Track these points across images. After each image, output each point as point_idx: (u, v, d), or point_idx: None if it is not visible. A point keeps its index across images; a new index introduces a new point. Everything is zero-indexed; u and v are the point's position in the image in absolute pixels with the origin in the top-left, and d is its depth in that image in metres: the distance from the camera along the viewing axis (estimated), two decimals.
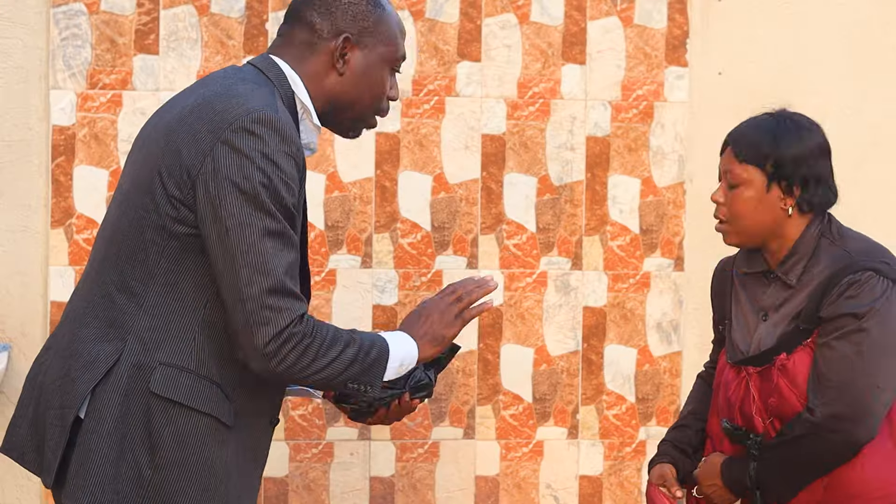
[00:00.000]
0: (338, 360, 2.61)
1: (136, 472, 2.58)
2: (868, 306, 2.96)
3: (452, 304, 2.79)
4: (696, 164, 4.39)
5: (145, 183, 2.64)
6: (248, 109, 2.59)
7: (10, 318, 4.13)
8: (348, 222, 4.25)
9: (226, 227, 2.54)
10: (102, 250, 2.71)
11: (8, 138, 4.11)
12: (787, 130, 3.09)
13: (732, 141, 3.12)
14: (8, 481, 4.13)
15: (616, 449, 4.38)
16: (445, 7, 4.26)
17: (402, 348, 2.73)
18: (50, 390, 2.67)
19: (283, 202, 2.57)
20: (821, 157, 3.10)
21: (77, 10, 4.12)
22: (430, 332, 2.78)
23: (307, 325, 2.58)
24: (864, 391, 2.96)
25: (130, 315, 2.62)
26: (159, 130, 2.68)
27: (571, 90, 4.32)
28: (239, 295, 2.54)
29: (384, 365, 2.69)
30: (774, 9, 4.40)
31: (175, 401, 2.59)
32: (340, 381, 2.64)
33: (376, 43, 2.76)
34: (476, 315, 2.79)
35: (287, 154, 2.58)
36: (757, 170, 3.07)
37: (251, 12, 4.19)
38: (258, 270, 2.54)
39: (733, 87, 4.38)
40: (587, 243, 4.34)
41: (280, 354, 2.56)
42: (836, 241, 3.07)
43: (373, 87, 2.77)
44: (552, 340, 4.34)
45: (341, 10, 2.74)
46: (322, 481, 4.28)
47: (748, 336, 3.14)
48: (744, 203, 3.08)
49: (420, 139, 4.26)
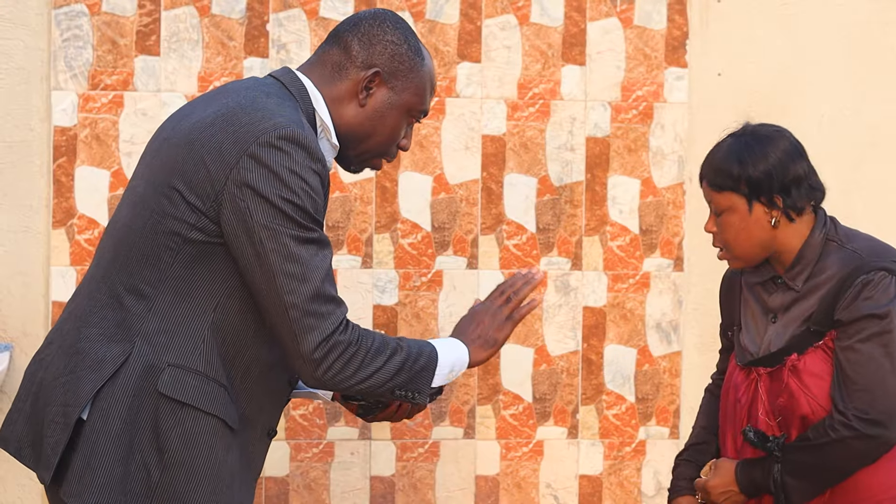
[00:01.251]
0: (384, 369, 2.63)
1: (144, 472, 2.59)
2: (886, 307, 2.96)
3: (502, 306, 2.82)
4: (696, 165, 4.31)
5: (163, 188, 2.64)
6: (274, 124, 2.59)
7: (12, 318, 4.13)
8: (349, 223, 4.24)
9: (260, 238, 2.55)
10: (111, 251, 2.70)
11: (10, 139, 4.11)
12: (750, 148, 3.08)
13: (704, 173, 3.13)
14: (9, 481, 4.13)
15: (616, 448, 4.38)
16: (446, 8, 4.26)
17: (452, 354, 2.75)
18: (51, 387, 2.67)
19: (311, 214, 2.59)
20: (791, 162, 3.08)
21: (78, 11, 4.12)
22: (482, 335, 2.81)
23: (352, 333, 2.60)
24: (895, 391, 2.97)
25: (139, 317, 2.62)
26: (179, 136, 2.68)
27: (571, 91, 4.32)
28: (281, 304, 2.56)
29: (432, 372, 2.70)
30: (773, 10, 4.40)
31: (183, 402, 2.60)
32: (387, 389, 2.66)
33: (404, 88, 2.76)
34: (526, 314, 2.83)
35: (313, 170, 2.59)
36: (734, 194, 3.07)
37: (252, 13, 4.18)
38: (297, 278, 2.56)
39: (733, 88, 4.38)
40: (587, 244, 4.34)
41: (327, 361, 2.58)
42: (843, 244, 3.06)
43: (387, 129, 2.78)
44: (552, 340, 4.34)
45: (382, 45, 2.75)
46: (323, 481, 4.28)
47: (758, 338, 3.14)
48: (732, 228, 3.09)
49: (420, 140, 4.26)
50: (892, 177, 4.48)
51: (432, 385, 2.72)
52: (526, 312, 2.83)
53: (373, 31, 2.76)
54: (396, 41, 2.76)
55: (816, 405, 3.03)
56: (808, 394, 3.03)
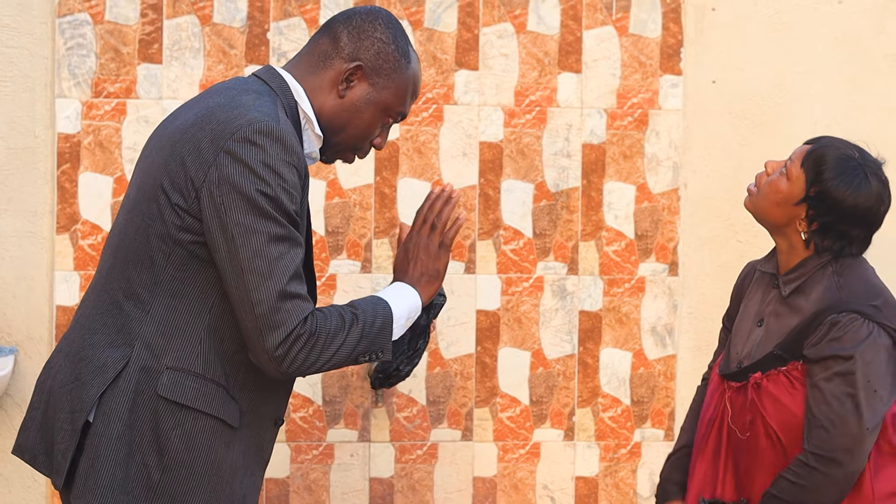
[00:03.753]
0: (344, 345, 2.65)
1: (145, 474, 2.62)
2: (851, 350, 2.94)
3: (429, 235, 2.82)
4: (691, 171, 4.38)
5: (150, 192, 2.67)
6: (249, 120, 2.61)
7: (17, 322, 4.14)
8: (348, 228, 4.25)
9: (232, 235, 2.57)
10: (110, 258, 2.74)
11: (14, 146, 4.12)
12: (854, 176, 3.02)
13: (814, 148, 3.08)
14: (15, 482, 4.14)
15: (611, 451, 4.38)
16: (444, 17, 4.26)
17: (404, 302, 2.76)
18: (60, 394, 2.71)
19: (286, 209, 2.60)
20: (857, 223, 3.04)
21: (82, 20, 4.13)
22: (424, 271, 2.82)
23: (312, 324, 2.61)
24: (855, 430, 2.94)
25: (138, 321, 2.65)
26: (164, 140, 2.71)
27: (567, 98, 4.32)
28: (248, 300, 2.58)
29: (391, 328, 2.72)
30: (767, 18, 4.39)
31: (182, 404, 2.63)
32: (351, 360, 2.68)
33: (385, 87, 2.78)
34: (455, 236, 2.83)
35: (288, 163, 2.61)
36: (803, 181, 3.05)
37: (253, 22, 4.19)
38: (265, 276, 2.57)
39: (727, 95, 4.38)
40: (583, 248, 4.35)
41: (290, 356, 2.60)
42: (839, 274, 3.04)
43: (362, 124, 2.80)
44: (548, 344, 4.34)
45: (369, 40, 2.77)
46: (323, 482, 4.29)
47: (739, 345, 3.16)
48: (773, 188, 3.07)
49: (419, 146, 4.27)
50: None
51: (393, 338, 2.73)
52: (454, 234, 2.83)
53: (364, 25, 2.78)
54: (385, 39, 2.78)
55: (769, 428, 3.04)
56: (766, 413, 3.04)
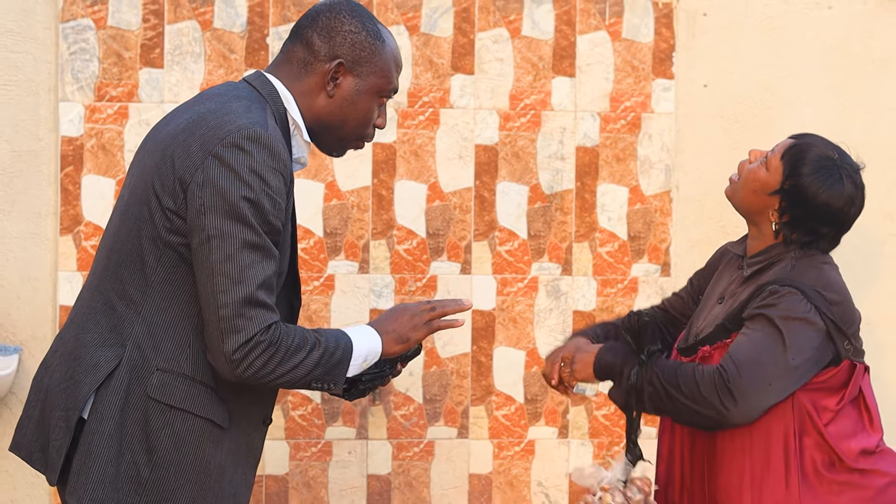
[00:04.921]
0: (301, 366, 2.66)
1: (134, 471, 2.66)
2: (784, 313, 2.97)
3: (425, 311, 2.84)
4: (683, 173, 4.39)
5: (142, 195, 2.70)
6: (238, 126, 2.65)
7: (21, 322, 4.16)
8: (346, 229, 4.26)
9: (208, 236, 2.60)
10: (104, 259, 2.77)
11: (19, 149, 4.14)
12: (829, 176, 3.06)
13: (795, 143, 3.11)
14: (19, 479, 4.17)
15: (605, 448, 4.39)
16: (440, 22, 4.27)
17: (366, 344, 2.77)
18: (55, 393, 2.74)
19: (266, 217, 2.63)
20: (826, 221, 3.08)
21: (85, 25, 4.15)
22: (397, 330, 2.82)
23: (274, 334, 2.63)
24: (758, 381, 2.95)
25: (129, 322, 2.69)
26: (156, 144, 2.74)
27: (562, 102, 4.33)
28: (214, 301, 2.60)
29: (347, 363, 2.73)
30: (758, 23, 4.40)
31: (171, 405, 2.66)
32: (304, 383, 2.69)
33: (369, 73, 2.81)
34: (444, 327, 2.84)
35: (274, 169, 2.64)
36: (780, 173, 3.08)
37: (252, 27, 4.21)
38: (234, 280, 2.59)
39: (718, 99, 4.38)
40: (577, 249, 4.35)
41: (247, 361, 2.61)
42: (797, 260, 3.08)
43: (359, 114, 2.83)
44: (543, 343, 4.35)
45: (341, 36, 2.79)
46: (321, 479, 4.30)
47: (700, 322, 3.18)
48: (752, 175, 3.10)
49: (415, 149, 4.28)
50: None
51: (347, 375, 2.74)
52: (445, 326, 2.84)
53: (331, 23, 2.80)
54: (354, 30, 2.80)
55: None
56: None
